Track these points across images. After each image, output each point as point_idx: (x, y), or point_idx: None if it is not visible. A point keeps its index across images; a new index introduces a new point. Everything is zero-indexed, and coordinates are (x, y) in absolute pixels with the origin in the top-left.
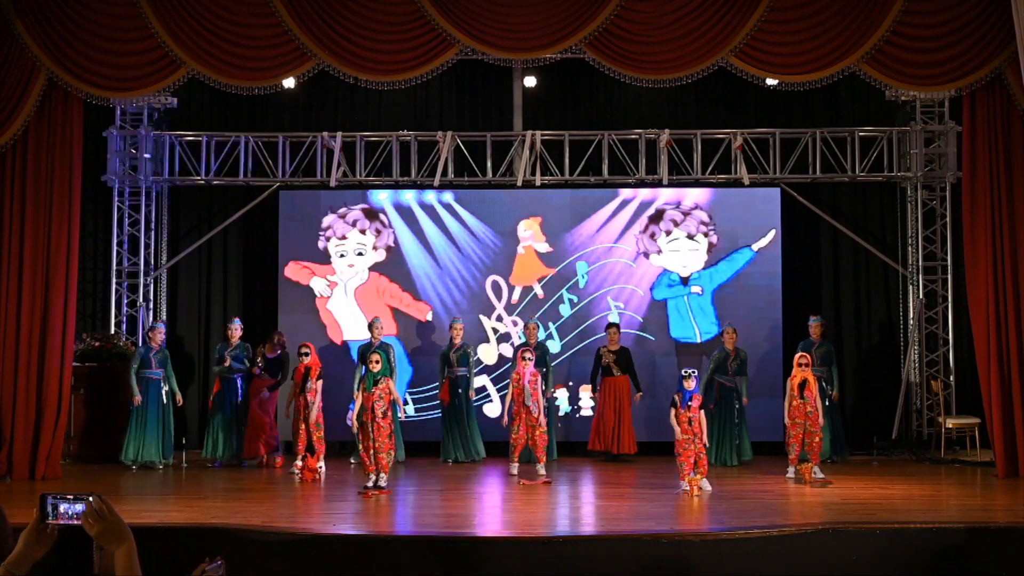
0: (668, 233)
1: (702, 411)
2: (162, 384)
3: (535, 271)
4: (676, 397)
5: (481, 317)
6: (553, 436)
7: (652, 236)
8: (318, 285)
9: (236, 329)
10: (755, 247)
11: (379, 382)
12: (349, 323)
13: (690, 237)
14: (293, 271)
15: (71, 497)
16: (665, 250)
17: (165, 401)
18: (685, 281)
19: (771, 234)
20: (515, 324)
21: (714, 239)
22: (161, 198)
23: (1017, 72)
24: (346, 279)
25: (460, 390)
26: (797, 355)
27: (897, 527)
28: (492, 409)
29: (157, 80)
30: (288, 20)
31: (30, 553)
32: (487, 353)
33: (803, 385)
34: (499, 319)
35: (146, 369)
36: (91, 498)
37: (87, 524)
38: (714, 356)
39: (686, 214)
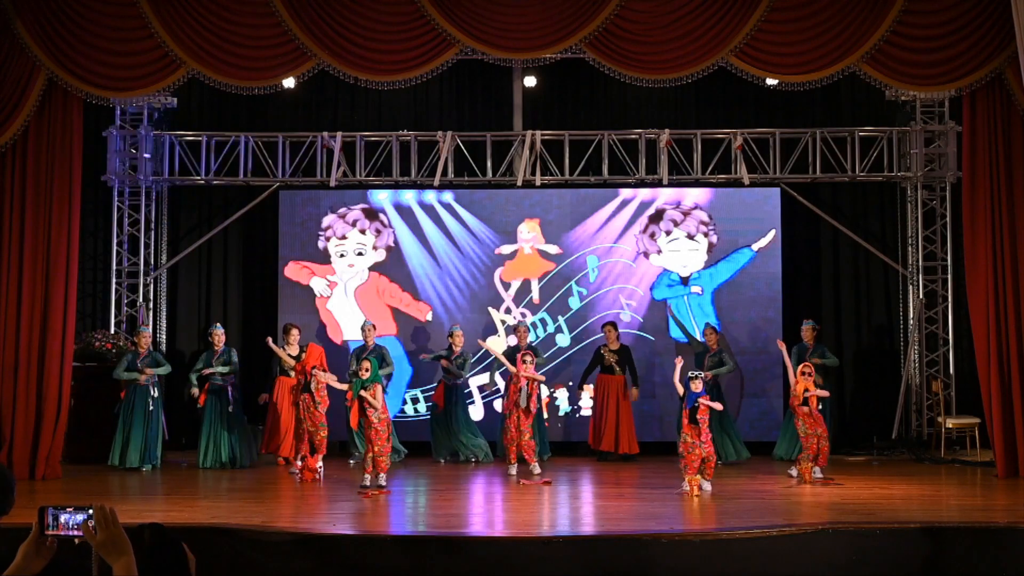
0: (668, 233)
1: (710, 407)
2: (151, 390)
3: (536, 268)
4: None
5: (490, 309)
6: (544, 434)
7: (652, 236)
8: (318, 285)
9: (220, 335)
10: (755, 247)
11: (367, 388)
12: (349, 323)
13: (690, 237)
14: (293, 271)
15: (71, 508)
16: (665, 250)
17: (151, 407)
18: (685, 281)
19: (771, 234)
20: (523, 316)
21: (714, 239)
22: (161, 198)
23: (1017, 72)
24: (346, 279)
25: (455, 398)
26: (800, 365)
27: (897, 527)
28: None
29: (157, 80)
30: (288, 20)
31: (29, 566)
32: (497, 345)
33: (805, 394)
34: (507, 311)
35: (133, 374)
36: (92, 509)
37: (88, 533)
38: (696, 351)
39: (686, 214)
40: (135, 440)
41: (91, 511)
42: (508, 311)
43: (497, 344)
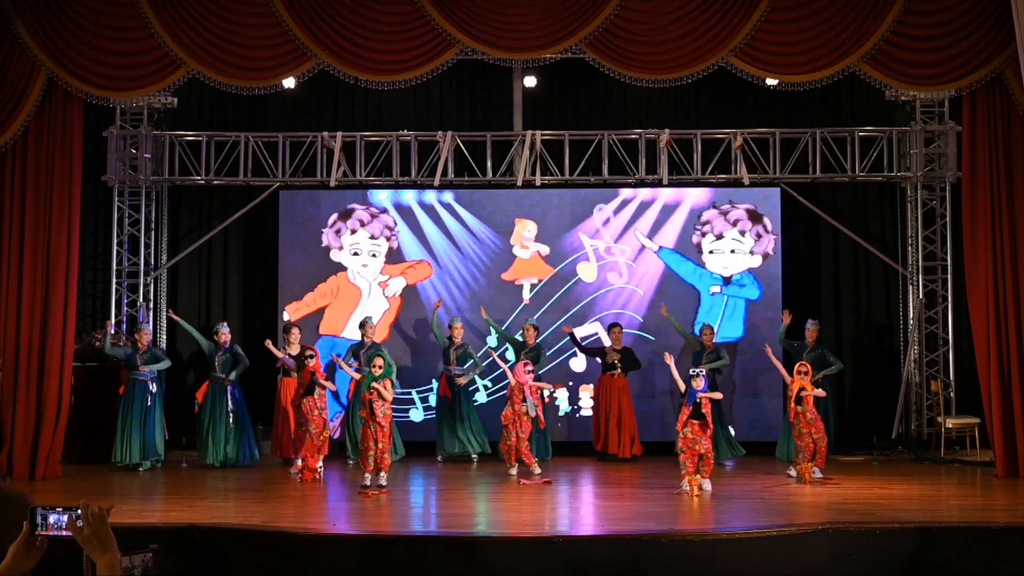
0: (719, 236)
1: (711, 404)
2: (149, 385)
3: (536, 270)
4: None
5: (581, 235)
6: (548, 435)
7: (702, 235)
8: (319, 288)
9: (225, 334)
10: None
11: (378, 381)
12: (349, 323)
13: (741, 234)
14: (293, 308)
15: (60, 509)
16: (711, 251)
17: (150, 403)
18: (727, 282)
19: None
20: (622, 253)
21: (752, 242)
22: (161, 198)
23: (1017, 72)
24: (371, 280)
25: (459, 386)
26: (797, 363)
27: (897, 527)
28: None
29: (157, 80)
30: (288, 20)
31: (19, 565)
32: (586, 271)
33: (800, 393)
34: (599, 238)
35: (132, 370)
36: (81, 508)
37: (74, 528)
38: (693, 351)
39: (732, 218)
40: (135, 435)
41: (79, 510)
42: (600, 238)
43: (588, 272)
